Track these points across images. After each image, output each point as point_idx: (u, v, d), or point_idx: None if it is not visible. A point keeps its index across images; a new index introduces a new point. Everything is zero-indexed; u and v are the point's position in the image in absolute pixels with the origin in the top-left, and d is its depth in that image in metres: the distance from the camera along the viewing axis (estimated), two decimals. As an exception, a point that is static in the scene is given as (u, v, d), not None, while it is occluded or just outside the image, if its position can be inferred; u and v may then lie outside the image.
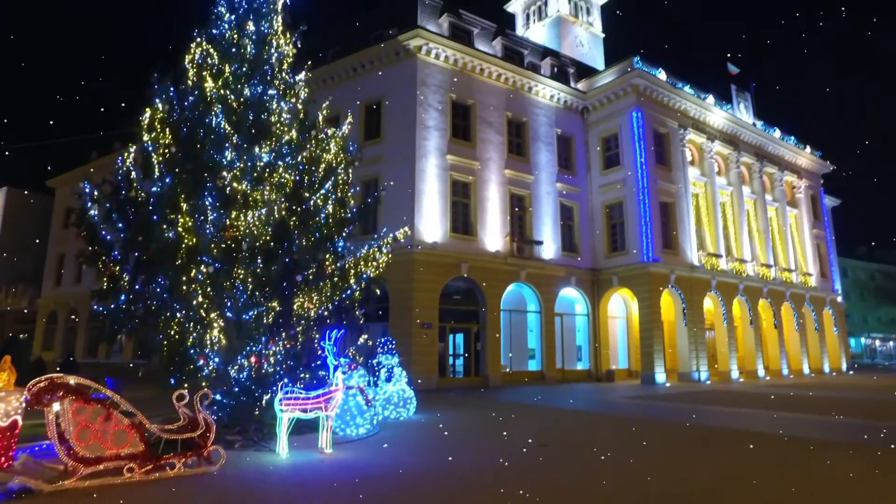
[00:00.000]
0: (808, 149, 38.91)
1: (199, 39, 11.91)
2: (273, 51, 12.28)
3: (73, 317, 37.82)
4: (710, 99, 31.64)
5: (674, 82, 29.69)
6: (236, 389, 10.55)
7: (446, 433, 11.24)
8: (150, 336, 11.26)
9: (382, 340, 13.99)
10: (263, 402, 10.62)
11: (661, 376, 25.50)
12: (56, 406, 6.75)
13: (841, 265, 46.45)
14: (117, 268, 10.87)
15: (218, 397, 10.19)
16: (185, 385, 9.43)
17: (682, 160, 29.53)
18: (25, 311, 42.86)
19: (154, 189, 10.89)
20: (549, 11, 42.71)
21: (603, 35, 44.31)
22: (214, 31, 12.10)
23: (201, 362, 10.57)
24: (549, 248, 26.62)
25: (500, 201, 25.27)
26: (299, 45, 12.90)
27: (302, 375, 11.27)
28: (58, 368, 18.16)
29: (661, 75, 29.01)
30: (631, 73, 27.77)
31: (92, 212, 10.79)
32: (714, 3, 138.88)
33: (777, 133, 36.21)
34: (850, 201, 73.77)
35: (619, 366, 28.66)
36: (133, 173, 11.13)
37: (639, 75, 27.77)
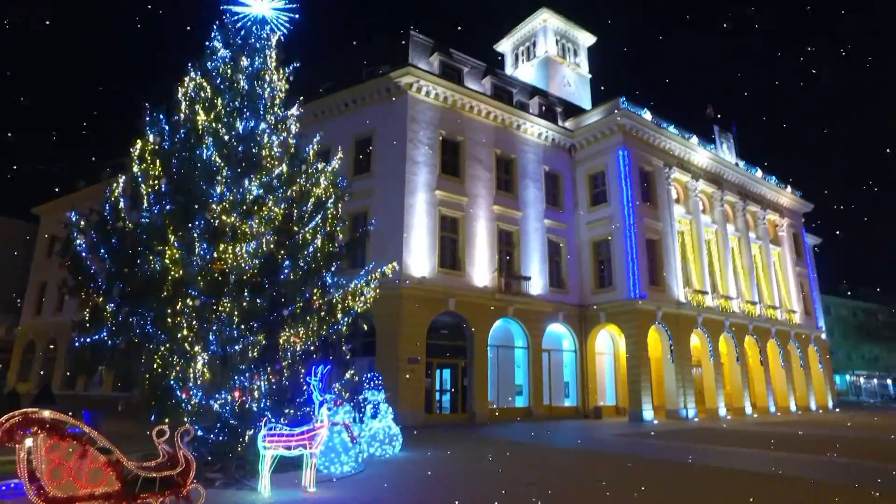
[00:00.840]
0: (789, 188, 39.84)
1: (192, 73, 12.07)
2: (266, 86, 12.45)
3: (51, 346, 36.92)
4: (694, 139, 32.41)
5: (659, 122, 30.43)
6: (219, 425, 10.32)
7: (433, 472, 11.00)
8: (132, 369, 11.01)
9: (369, 376, 13.81)
10: (246, 438, 10.37)
11: (648, 413, 25.34)
12: (28, 442, 6.51)
13: (824, 302, 46.93)
14: (101, 298, 10.70)
15: (200, 433, 9.94)
16: (167, 420, 9.19)
17: (668, 198, 30.04)
18: (2, 339, 41.85)
19: (142, 220, 10.84)
20: (537, 52, 43.96)
21: (590, 75, 45.61)
22: (208, 65, 12.27)
23: (184, 396, 10.34)
24: (537, 283, 26.70)
25: (488, 237, 25.42)
26: (291, 80, 13.11)
27: (286, 411, 11.05)
28: (33, 401, 17.66)
29: (647, 115, 29.73)
30: (617, 112, 28.42)
31: (78, 241, 10.68)
32: (697, 46, 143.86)
33: (759, 173, 37.06)
34: (832, 240, 75.17)
35: (607, 402, 28.46)
36: (121, 203, 11.09)
37: (625, 115, 28.43)
